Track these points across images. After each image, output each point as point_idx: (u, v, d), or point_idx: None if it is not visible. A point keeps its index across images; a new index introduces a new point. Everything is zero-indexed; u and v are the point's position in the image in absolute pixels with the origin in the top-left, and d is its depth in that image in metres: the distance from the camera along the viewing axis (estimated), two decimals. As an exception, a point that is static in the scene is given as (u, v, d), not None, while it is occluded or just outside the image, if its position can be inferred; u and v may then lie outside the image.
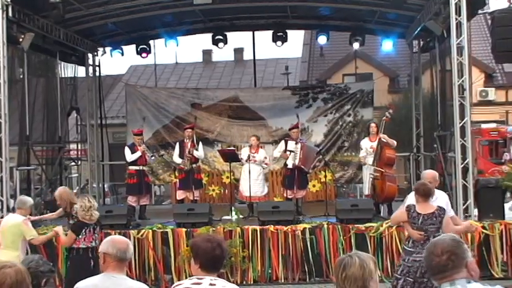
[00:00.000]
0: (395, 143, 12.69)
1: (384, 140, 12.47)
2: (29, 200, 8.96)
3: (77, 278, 5.12)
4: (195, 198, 13.48)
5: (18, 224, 8.42)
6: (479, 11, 13.71)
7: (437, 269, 3.44)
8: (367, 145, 13.02)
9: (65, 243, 8.79)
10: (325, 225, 11.23)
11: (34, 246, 11.04)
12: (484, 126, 21.04)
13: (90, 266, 8.02)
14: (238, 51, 33.47)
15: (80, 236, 8.10)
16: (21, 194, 13.01)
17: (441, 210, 7.28)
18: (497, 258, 10.77)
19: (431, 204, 7.36)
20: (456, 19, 11.23)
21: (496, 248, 10.77)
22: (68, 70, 16.24)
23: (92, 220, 8.11)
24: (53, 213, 9.97)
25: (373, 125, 13.30)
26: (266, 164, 13.70)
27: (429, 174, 8.26)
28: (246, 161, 13.15)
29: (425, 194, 7.32)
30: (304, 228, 11.19)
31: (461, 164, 11.35)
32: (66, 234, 8.34)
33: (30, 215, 9.00)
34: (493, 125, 21.57)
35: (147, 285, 5.13)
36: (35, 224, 9.50)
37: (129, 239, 9.86)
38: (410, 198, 7.76)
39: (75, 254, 8.22)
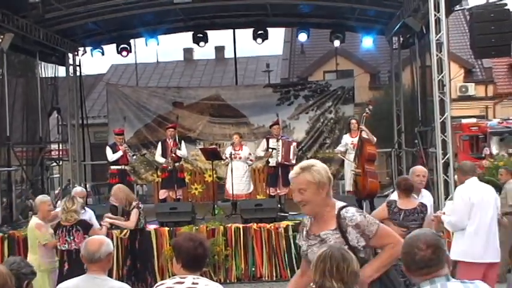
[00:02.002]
0: (375, 139, 12.75)
1: (365, 136, 12.52)
2: (37, 200, 8.82)
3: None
4: (178, 197, 13.47)
5: (32, 228, 8.41)
6: (457, 7, 13.82)
7: (422, 263, 3.21)
8: (348, 141, 13.06)
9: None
10: (308, 222, 11.24)
11: (13, 247, 11.01)
12: (464, 121, 21.13)
13: (62, 269, 7.98)
14: (219, 50, 33.37)
15: (56, 237, 8.08)
16: (3, 195, 13.00)
17: (423, 206, 7.10)
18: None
19: (414, 200, 7.20)
20: (435, 15, 11.30)
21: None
22: (48, 70, 16.17)
23: (68, 222, 8.03)
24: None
25: (353, 121, 13.36)
26: (251, 160, 13.71)
27: (419, 170, 7.98)
28: (230, 158, 13.12)
29: (406, 189, 7.16)
30: (287, 226, 11.21)
31: (442, 159, 11.44)
32: None
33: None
34: (473, 120, 21.67)
35: (130, 285, 5.13)
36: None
37: (112, 238, 9.85)
38: (394, 195, 7.58)
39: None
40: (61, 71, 16.86)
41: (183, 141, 13.87)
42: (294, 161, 13.26)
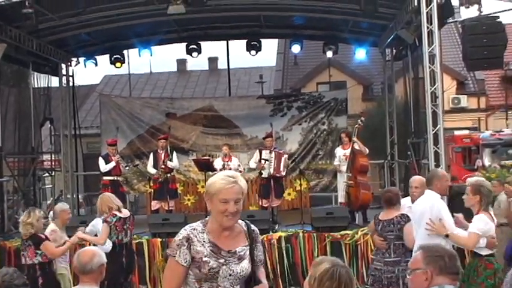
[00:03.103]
0: (367, 150, 12.78)
1: (357, 148, 12.55)
2: (57, 207, 8.90)
3: None
4: (170, 208, 13.45)
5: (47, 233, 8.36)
6: (450, 20, 13.86)
7: (456, 268, 3.44)
8: (341, 153, 13.13)
9: None
10: (301, 234, 11.25)
11: (4, 258, 10.94)
12: (456, 133, 21.20)
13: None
14: (213, 61, 33.46)
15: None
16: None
17: (402, 217, 7.08)
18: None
19: (394, 211, 7.23)
20: (428, 28, 11.33)
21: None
22: (41, 80, 16.11)
23: (25, 235, 7.75)
24: None
25: (343, 135, 13.45)
26: (240, 171, 13.69)
27: (414, 181, 7.89)
28: (221, 170, 13.13)
29: (386, 201, 7.34)
30: (280, 237, 11.20)
31: (435, 171, 11.43)
32: None
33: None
34: (466, 132, 21.75)
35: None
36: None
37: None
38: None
39: None
40: (54, 82, 16.83)
41: (174, 152, 13.87)
42: (283, 173, 13.29)
